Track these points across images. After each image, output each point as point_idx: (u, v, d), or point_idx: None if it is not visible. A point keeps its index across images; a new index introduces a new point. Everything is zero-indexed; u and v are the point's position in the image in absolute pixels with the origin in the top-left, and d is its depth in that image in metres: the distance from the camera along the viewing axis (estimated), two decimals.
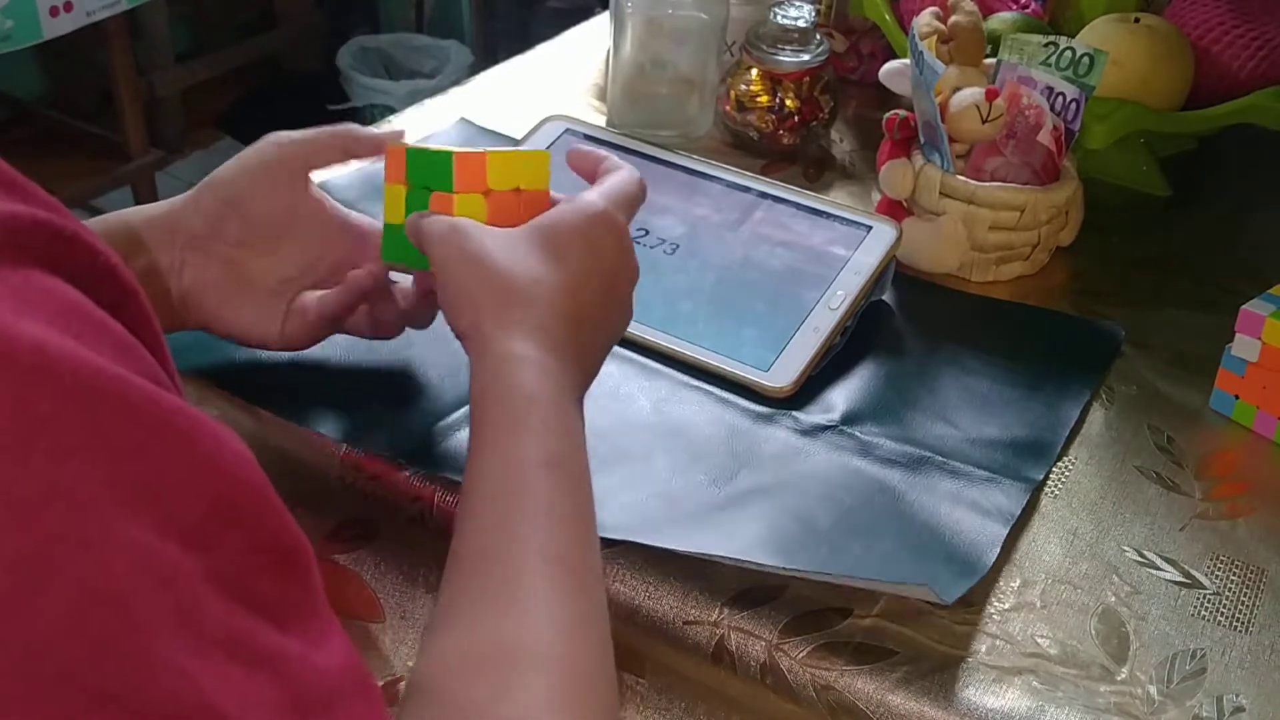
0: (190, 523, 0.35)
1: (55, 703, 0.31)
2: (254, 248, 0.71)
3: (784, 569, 0.63)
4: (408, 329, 0.74)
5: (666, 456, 0.72)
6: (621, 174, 0.65)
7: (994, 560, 0.65)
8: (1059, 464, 0.74)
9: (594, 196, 0.63)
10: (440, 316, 0.63)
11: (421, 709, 0.46)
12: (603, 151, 0.68)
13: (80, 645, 0.32)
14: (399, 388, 0.75)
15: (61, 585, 0.32)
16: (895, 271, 0.86)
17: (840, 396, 0.78)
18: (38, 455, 0.32)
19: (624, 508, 0.67)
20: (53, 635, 0.32)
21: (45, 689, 0.31)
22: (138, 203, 2.48)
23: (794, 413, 0.76)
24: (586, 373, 0.61)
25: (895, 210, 0.91)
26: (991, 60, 0.93)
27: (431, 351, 0.77)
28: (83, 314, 0.36)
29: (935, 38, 0.92)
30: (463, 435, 0.72)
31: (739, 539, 0.65)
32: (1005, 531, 0.68)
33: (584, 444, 0.56)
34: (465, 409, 0.73)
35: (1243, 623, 0.65)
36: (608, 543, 0.63)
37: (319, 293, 0.72)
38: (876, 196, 0.95)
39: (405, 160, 0.67)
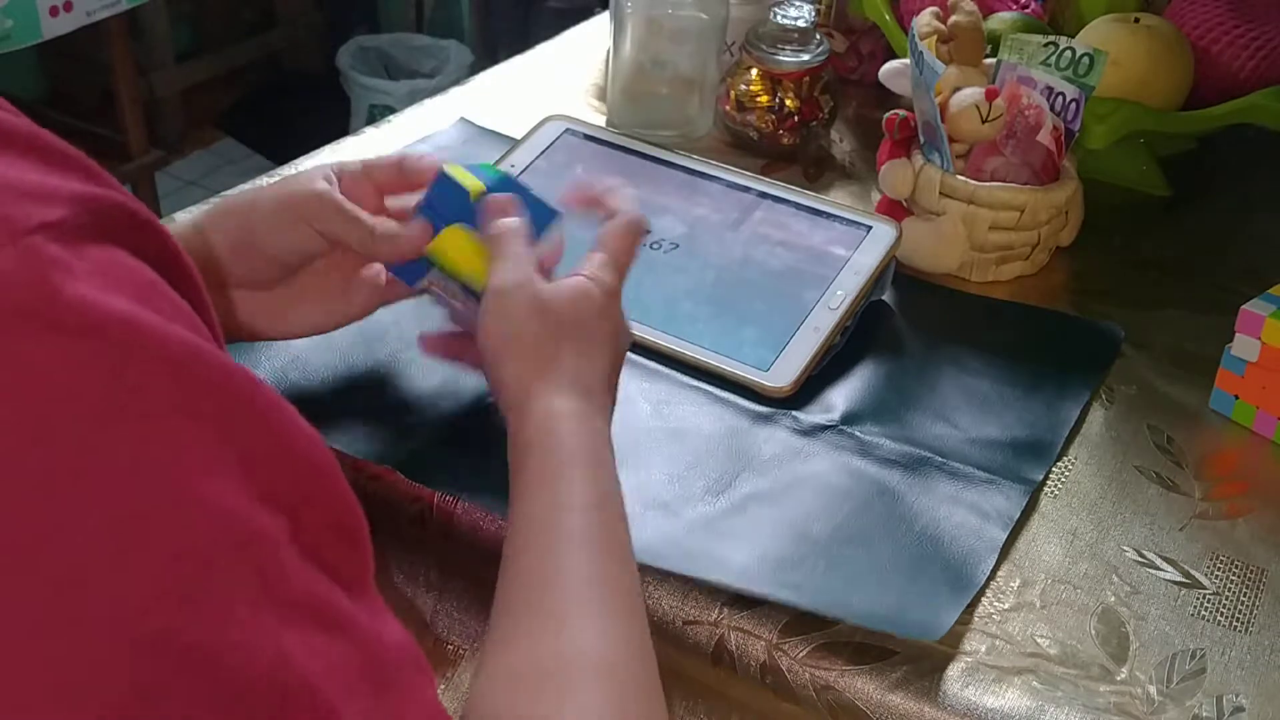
0: (272, 489, 0.36)
1: (146, 659, 0.33)
2: (290, 268, 0.70)
3: (777, 599, 0.63)
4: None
5: (665, 463, 0.71)
6: (619, 231, 0.67)
7: (988, 573, 0.65)
8: (1059, 464, 0.74)
9: (587, 273, 0.64)
10: None
11: (484, 711, 0.47)
12: (601, 184, 0.69)
13: (169, 605, 0.33)
14: (396, 396, 0.75)
15: (151, 546, 0.33)
16: (895, 271, 0.86)
17: (840, 396, 0.78)
18: (129, 422, 0.34)
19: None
20: (143, 595, 0.33)
21: (136, 646, 0.33)
22: None
23: (794, 412, 0.76)
24: (609, 420, 0.63)
25: (895, 210, 0.91)
26: (991, 60, 0.93)
27: (434, 359, 0.77)
28: (161, 292, 0.37)
29: (935, 38, 0.92)
30: (459, 447, 0.71)
31: (734, 561, 0.65)
32: (1003, 538, 0.68)
33: (618, 483, 0.59)
34: (462, 421, 0.73)
35: (1242, 623, 0.65)
36: None
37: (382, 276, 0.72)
38: (876, 196, 0.95)
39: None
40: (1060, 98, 0.88)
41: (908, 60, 0.90)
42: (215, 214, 0.69)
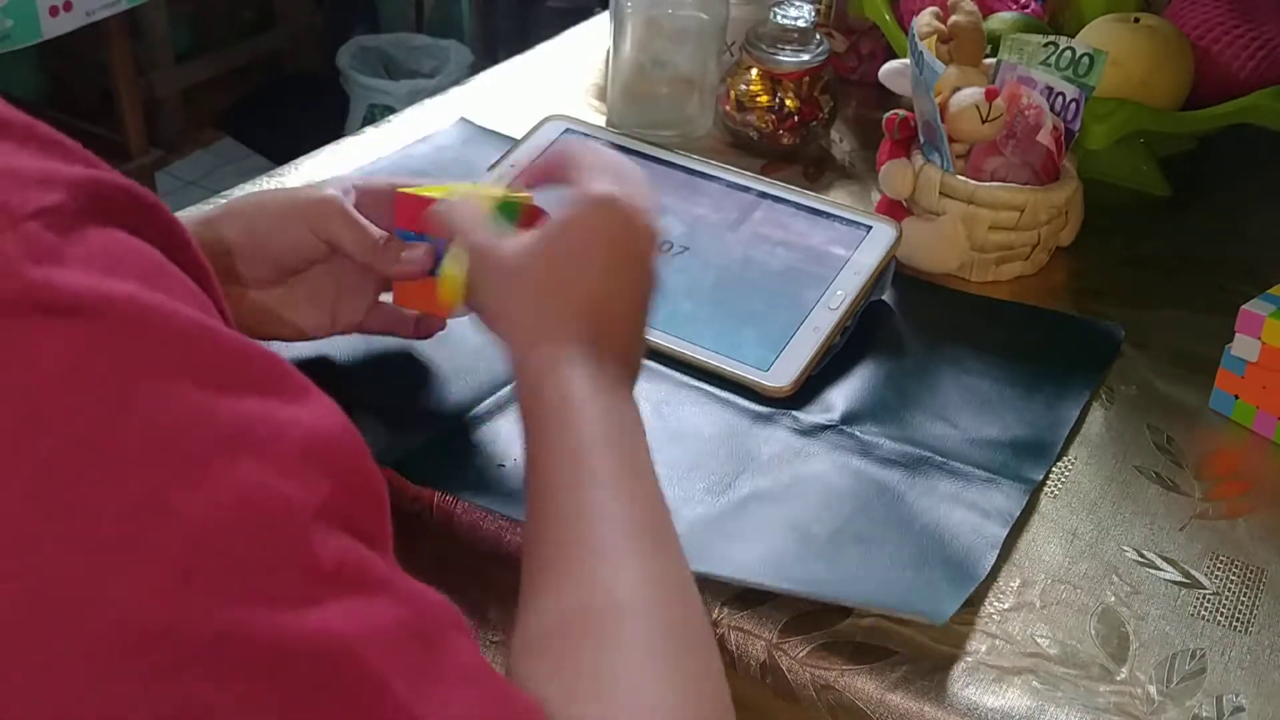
0: (292, 460, 0.36)
1: (174, 645, 0.32)
2: (289, 270, 0.71)
3: (780, 589, 0.63)
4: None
5: (665, 464, 0.71)
6: (600, 162, 0.62)
7: (990, 567, 0.65)
8: (1059, 464, 0.74)
9: (576, 191, 0.60)
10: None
11: (529, 668, 0.46)
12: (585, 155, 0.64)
13: (195, 587, 0.33)
14: (394, 395, 0.75)
15: (172, 530, 0.33)
16: (895, 271, 0.86)
17: (840, 396, 0.78)
18: (140, 402, 0.33)
19: None
20: (167, 578, 0.32)
21: (163, 633, 0.32)
22: None
23: (794, 412, 0.76)
24: (630, 360, 0.60)
25: (895, 210, 0.91)
26: (991, 60, 0.93)
27: (432, 358, 0.77)
28: (168, 273, 0.37)
29: (935, 38, 0.92)
30: (458, 447, 0.71)
31: (736, 558, 0.65)
32: (1003, 535, 0.68)
33: (638, 420, 0.57)
34: (461, 421, 0.73)
35: (1242, 623, 0.65)
36: None
37: (376, 301, 0.74)
38: (876, 196, 0.95)
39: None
40: (1060, 98, 0.88)
41: (908, 60, 0.90)
42: (224, 211, 0.69)
